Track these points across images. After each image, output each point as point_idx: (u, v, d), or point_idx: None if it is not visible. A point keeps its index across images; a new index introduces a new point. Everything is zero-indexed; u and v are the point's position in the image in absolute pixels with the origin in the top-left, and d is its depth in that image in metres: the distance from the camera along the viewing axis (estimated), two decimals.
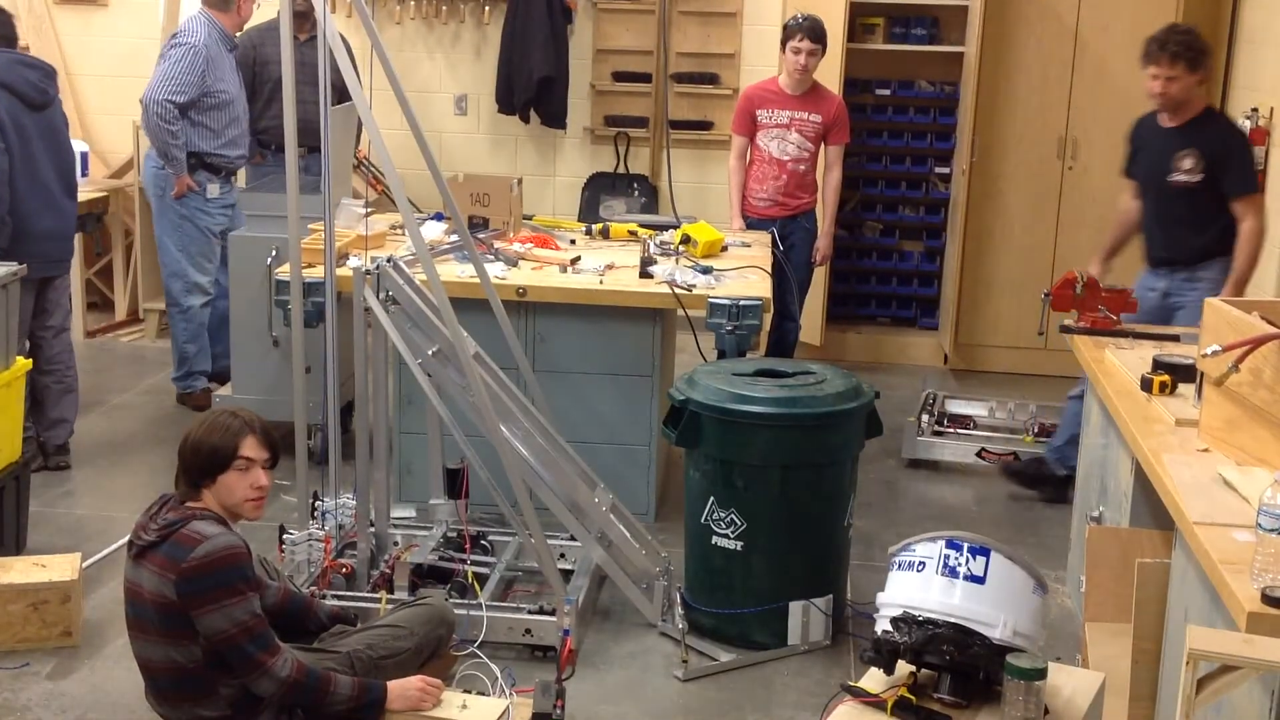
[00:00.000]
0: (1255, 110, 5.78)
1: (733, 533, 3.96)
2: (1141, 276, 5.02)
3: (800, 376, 4.09)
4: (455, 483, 4.19)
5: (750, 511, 3.95)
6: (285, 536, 3.99)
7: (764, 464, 3.93)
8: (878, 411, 4.13)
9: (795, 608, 3.97)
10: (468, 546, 4.17)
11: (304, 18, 5.93)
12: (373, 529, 4.12)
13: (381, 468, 4.13)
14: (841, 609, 4.12)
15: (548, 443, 4.04)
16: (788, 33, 5.88)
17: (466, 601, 3.84)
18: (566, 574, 4.14)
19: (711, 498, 3.99)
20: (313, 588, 3.86)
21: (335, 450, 4.13)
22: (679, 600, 4.13)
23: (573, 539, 4.38)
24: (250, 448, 3.05)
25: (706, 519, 4.01)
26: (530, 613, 3.87)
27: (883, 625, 2.77)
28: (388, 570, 4.03)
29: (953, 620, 2.67)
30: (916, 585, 2.76)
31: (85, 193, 6.36)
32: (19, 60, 4.94)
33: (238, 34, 6.02)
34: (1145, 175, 5.00)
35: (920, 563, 2.78)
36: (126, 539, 3.08)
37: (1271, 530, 2.43)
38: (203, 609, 2.88)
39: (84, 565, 4.09)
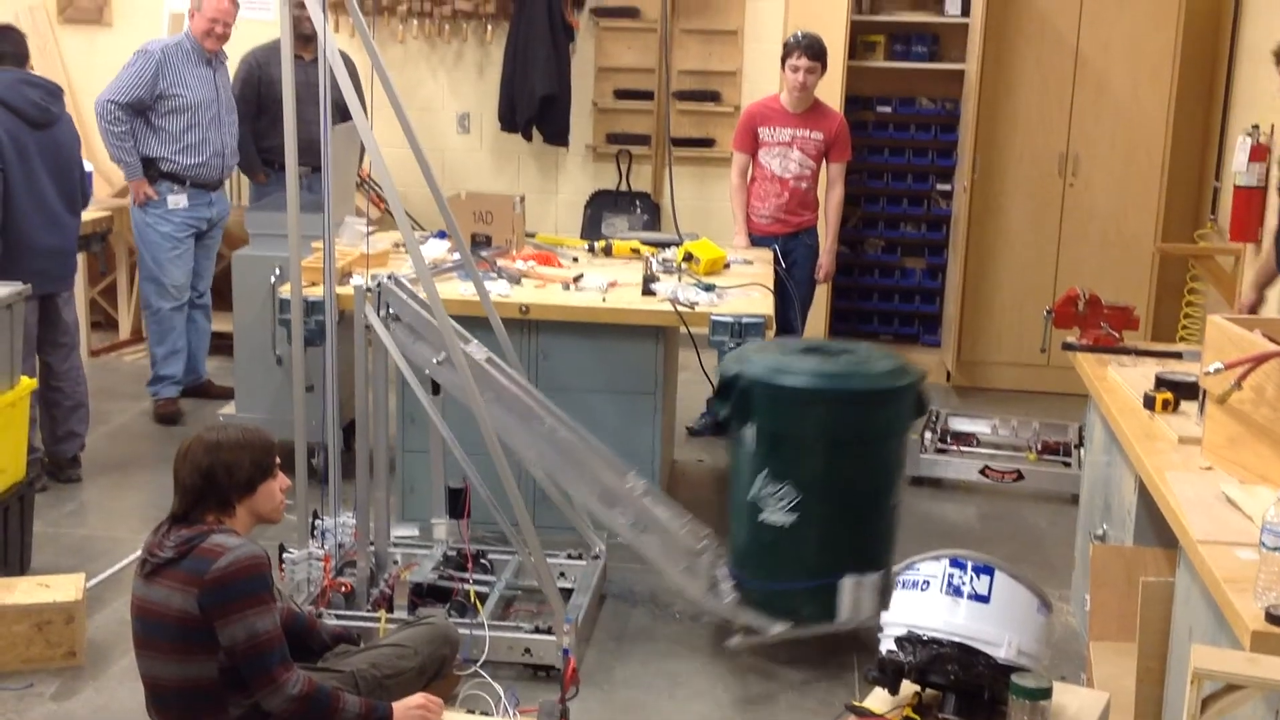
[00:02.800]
0: (1256, 127, 5.79)
1: (784, 507, 3.90)
2: None
3: (847, 355, 4.08)
4: (457, 502, 4.19)
5: (803, 486, 3.89)
6: (285, 555, 3.99)
7: (818, 438, 3.89)
8: (923, 391, 4.11)
9: (846, 583, 3.91)
10: (470, 565, 4.16)
11: (309, 40, 5.96)
12: (372, 548, 4.12)
13: (381, 486, 4.13)
14: (889, 587, 4.07)
15: (573, 436, 4.03)
16: (787, 50, 5.90)
17: (467, 621, 3.83)
18: (567, 592, 4.13)
19: (764, 472, 3.93)
20: (311, 606, 3.86)
21: (335, 469, 4.13)
22: (725, 575, 4.07)
23: (572, 557, 4.39)
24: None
25: (756, 495, 3.95)
26: (530, 632, 3.87)
27: (887, 644, 2.77)
28: (388, 589, 4.03)
29: (957, 639, 2.67)
30: (921, 604, 2.76)
31: (88, 212, 6.38)
32: (22, 79, 4.98)
33: (218, 46, 6.09)
34: None
35: (924, 582, 2.79)
36: (133, 558, 3.09)
37: (1275, 549, 2.43)
38: (227, 619, 2.88)
39: (88, 585, 4.08)
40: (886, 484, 4.04)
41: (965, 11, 7.04)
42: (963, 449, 5.78)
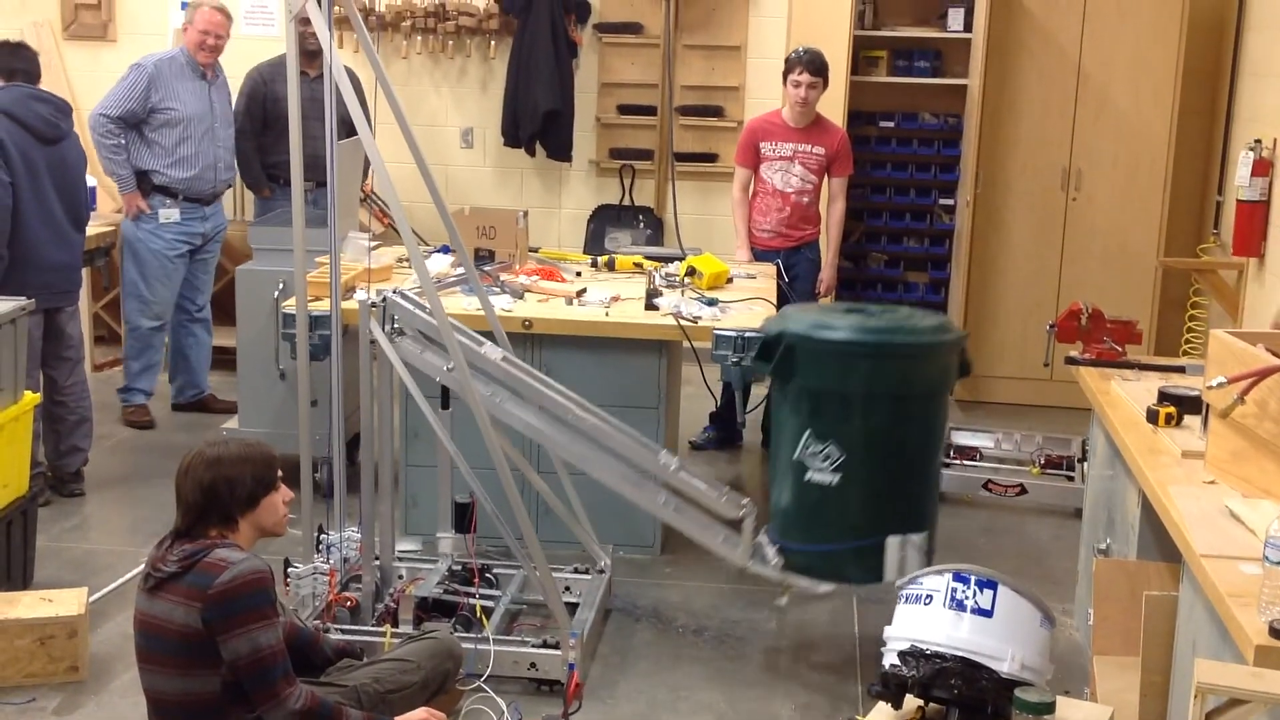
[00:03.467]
0: (1258, 142, 5.79)
1: (830, 466, 3.84)
2: None
3: (889, 313, 4.03)
4: (464, 517, 4.19)
5: (848, 444, 3.84)
6: (290, 570, 3.99)
7: (864, 395, 3.84)
8: (966, 350, 4.06)
9: (893, 543, 3.87)
10: (476, 580, 4.16)
11: (314, 55, 5.99)
12: (378, 562, 4.12)
13: (386, 500, 4.14)
14: (933, 549, 4.04)
15: (599, 422, 4.04)
16: (789, 66, 5.91)
17: (472, 635, 3.83)
18: (572, 607, 4.13)
19: (808, 431, 3.87)
20: (317, 621, 3.86)
21: (340, 483, 4.13)
22: (769, 541, 4.04)
23: (578, 571, 4.39)
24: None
25: (800, 455, 3.89)
26: (535, 646, 3.87)
27: (890, 659, 2.77)
28: (392, 604, 4.03)
29: (960, 654, 2.67)
30: (924, 618, 2.76)
31: (92, 227, 6.40)
32: (33, 95, 5.01)
33: (211, 59, 6.15)
34: None
35: (928, 596, 2.79)
36: (136, 572, 3.09)
37: (1278, 563, 2.43)
38: (230, 633, 2.88)
39: (91, 599, 4.09)
40: (931, 442, 4.00)
41: (968, 27, 7.06)
42: (966, 463, 5.77)
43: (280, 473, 3.14)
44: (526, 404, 4.02)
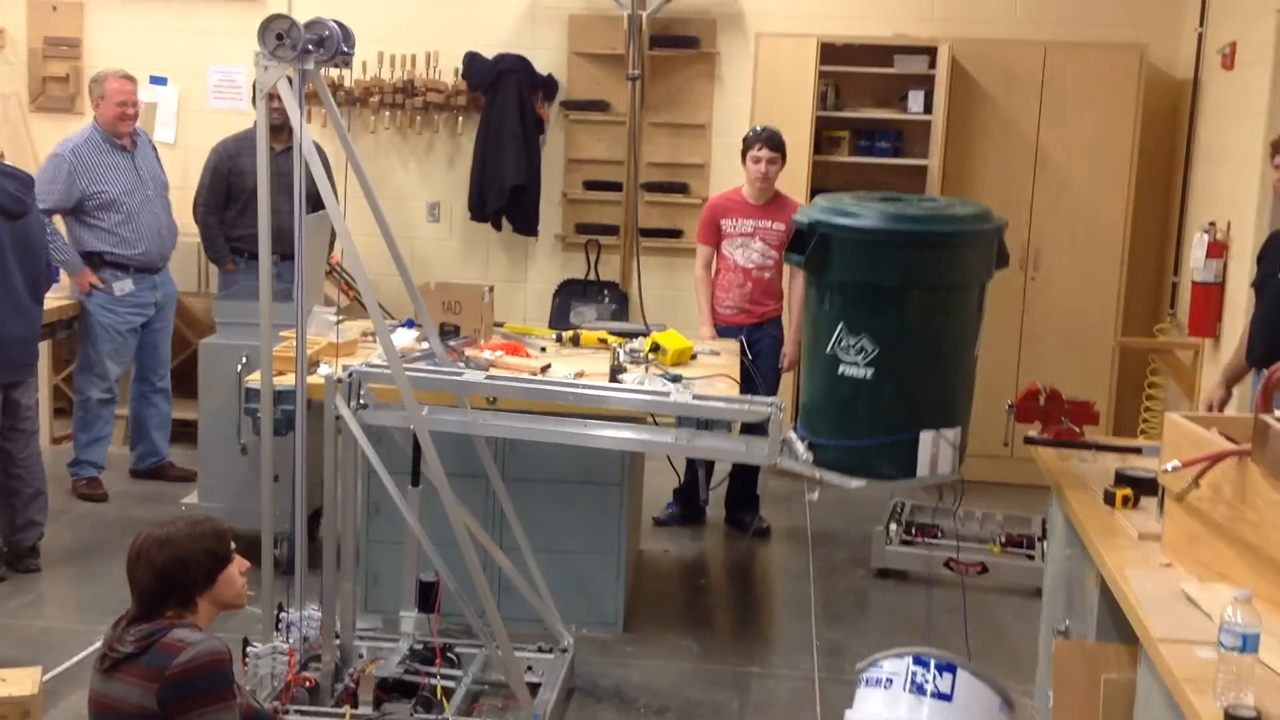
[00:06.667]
0: (1212, 224, 5.92)
1: (863, 360, 3.73)
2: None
3: (927, 201, 3.95)
4: (428, 596, 4.16)
5: (883, 336, 3.72)
6: (249, 649, 3.95)
7: (899, 285, 3.72)
8: (1004, 242, 3.93)
9: (925, 437, 3.77)
10: (439, 660, 4.12)
11: (280, 129, 6.02)
12: (338, 641, 4.08)
13: (348, 578, 4.10)
14: (966, 445, 3.96)
15: (597, 391, 4.10)
16: (747, 144, 6.00)
17: (433, 717, 3.79)
18: (534, 687, 4.10)
19: (841, 323, 3.75)
20: (275, 702, 3.81)
21: (301, 560, 4.10)
22: (796, 437, 3.93)
23: (540, 650, 4.36)
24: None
25: (833, 348, 3.77)
26: None
27: None
28: (352, 684, 3.99)
29: None
30: (884, 703, 2.76)
31: (55, 300, 6.38)
32: None
33: (132, 126, 6.18)
34: (1262, 278, 4.88)
35: (888, 679, 2.80)
36: (92, 650, 3.05)
37: (1233, 649, 2.45)
38: (186, 716, 2.85)
39: (45, 679, 4.01)
40: (967, 334, 3.88)
41: (928, 109, 7.18)
42: (928, 541, 5.79)
43: (233, 544, 3.12)
44: (510, 413, 4.06)
